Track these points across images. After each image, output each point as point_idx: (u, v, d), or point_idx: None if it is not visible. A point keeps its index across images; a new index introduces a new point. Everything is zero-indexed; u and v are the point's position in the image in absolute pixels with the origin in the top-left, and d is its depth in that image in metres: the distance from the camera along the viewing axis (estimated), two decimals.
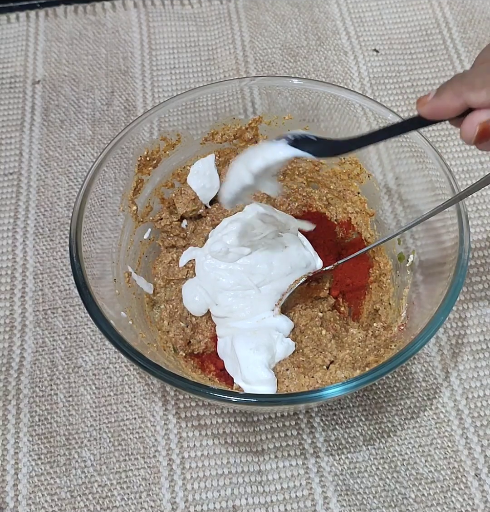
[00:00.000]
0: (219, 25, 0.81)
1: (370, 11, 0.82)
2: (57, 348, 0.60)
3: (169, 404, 0.57)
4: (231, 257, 0.58)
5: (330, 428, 0.56)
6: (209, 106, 0.62)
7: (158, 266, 0.62)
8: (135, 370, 0.59)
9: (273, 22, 0.81)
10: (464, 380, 0.58)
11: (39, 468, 0.55)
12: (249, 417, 0.56)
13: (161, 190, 0.62)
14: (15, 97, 0.75)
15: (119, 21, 0.81)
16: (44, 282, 0.63)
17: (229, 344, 0.56)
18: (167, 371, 0.47)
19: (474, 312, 0.62)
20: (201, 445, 0.56)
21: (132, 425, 0.56)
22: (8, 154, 0.71)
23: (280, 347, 0.55)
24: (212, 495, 0.54)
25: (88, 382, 0.58)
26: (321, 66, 0.78)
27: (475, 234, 0.66)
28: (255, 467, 0.55)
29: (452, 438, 0.56)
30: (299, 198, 0.66)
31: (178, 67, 0.78)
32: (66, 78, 0.77)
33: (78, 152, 0.71)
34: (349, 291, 0.62)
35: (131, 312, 0.55)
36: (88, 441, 0.56)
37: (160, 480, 0.54)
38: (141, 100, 0.75)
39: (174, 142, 0.61)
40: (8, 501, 0.53)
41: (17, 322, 0.61)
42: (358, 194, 0.63)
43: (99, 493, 0.54)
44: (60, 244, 0.66)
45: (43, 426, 0.56)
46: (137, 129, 0.58)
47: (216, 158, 0.62)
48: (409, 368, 0.59)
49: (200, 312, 0.59)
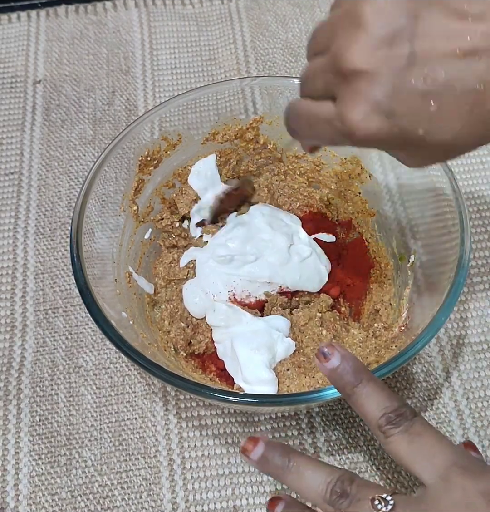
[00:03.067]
0: (220, 25, 0.81)
1: None
2: (58, 348, 0.60)
3: (170, 404, 0.57)
4: (235, 264, 0.58)
5: (331, 429, 0.56)
6: (210, 106, 0.62)
7: (159, 266, 0.61)
8: (136, 370, 0.59)
9: (274, 22, 0.81)
10: (465, 380, 0.58)
11: (40, 468, 0.55)
12: (250, 417, 0.56)
13: (162, 190, 0.62)
14: (16, 96, 0.75)
15: (120, 21, 0.81)
16: (45, 282, 0.63)
17: (229, 346, 0.56)
18: (167, 371, 0.47)
19: (475, 312, 0.62)
20: (201, 445, 0.56)
21: (132, 425, 0.57)
22: (9, 154, 0.71)
23: (281, 346, 0.55)
24: (213, 495, 0.54)
25: (89, 382, 0.58)
26: None
27: (476, 234, 0.66)
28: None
29: (453, 439, 0.56)
30: (300, 198, 0.66)
31: (179, 67, 0.78)
32: (67, 78, 0.77)
33: (79, 152, 0.71)
34: (349, 291, 0.62)
35: (132, 312, 0.55)
36: (89, 441, 0.56)
37: (161, 480, 0.54)
38: (142, 100, 0.75)
39: (175, 142, 0.61)
40: (9, 501, 0.53)
41: (18, 322, 0.61)
42: (359, 194, 0.63)
43: (100, 493, 0.54)
44: (61, 244, 0.66)
45: (43, 426, 0.56)
46: (138, 129, 0.58)
47: (217, 158, 0.62)
48: (410, 368, 0.59)
49: (200, 314, 0.59)
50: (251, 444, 0.42)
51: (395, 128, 0.35)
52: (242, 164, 0.64)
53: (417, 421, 0.40)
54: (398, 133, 0.36)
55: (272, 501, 0.42)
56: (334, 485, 0.39)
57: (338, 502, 0.39)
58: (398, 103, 0.35)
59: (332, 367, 0.41)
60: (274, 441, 0.42)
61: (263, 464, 0.42)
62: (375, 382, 0.41)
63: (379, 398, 0.40)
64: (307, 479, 0.40)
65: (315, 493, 0.40)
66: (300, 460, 0.41)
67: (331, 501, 0.39)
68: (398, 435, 0.39)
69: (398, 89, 0.34)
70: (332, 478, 0.39)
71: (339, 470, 0.40)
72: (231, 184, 0.63)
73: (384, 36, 0.34)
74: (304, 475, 0.40)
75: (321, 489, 0.39)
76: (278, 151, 0.64)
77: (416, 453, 0.39)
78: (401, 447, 0.39)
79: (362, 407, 0.41)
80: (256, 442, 0.42)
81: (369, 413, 0.40)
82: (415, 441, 0.39)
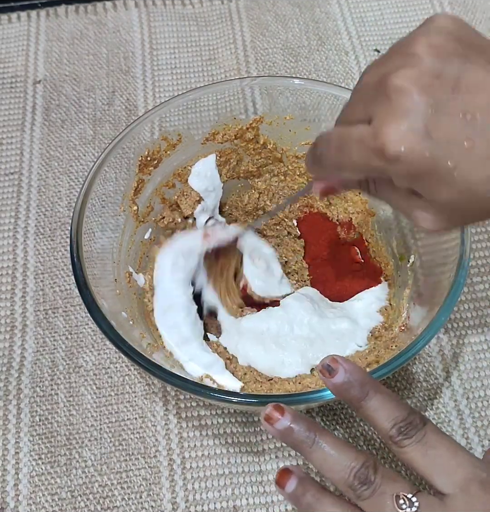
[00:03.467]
0: (220, 25, 0.81)
1: (371, 11, 0.82)
2: (57, 348, 0.60)
3: (170, 404, 0.57)
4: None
5: (331, 428, 0.56)
6: (210, 106, 0.62)
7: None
8: (135, 370, 0.59)
9: (274, 22, 0.81)
10: (465, 380, 0.58)
11: (40, 468, 0.55)
12: (250, 417, 0.56)
13: (162, 190, 0.62)
14: (16, 96, 0.75)
15: (120, 21, 0.81)
16: (45, 282, 0.63)
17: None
18: (167, 371, 0.47)
19: (475, 312, 0.62)
20: (201, 445, 0.56)
21: (132, 425, 0.57)
22: (9, 154, 0.71)
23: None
24: (213, 495, 0.54)
25: (89, 382, 0.58)
26: (322, 66, 0.78)
27: (476, 234, 0.66)
28: (255, 467, 0.55)
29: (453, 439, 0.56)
30: (300, 198, 0.66)
31: (179, 67, 0.78)
32: (67, 78, 0.77)
33: (79, 152, 0.71)
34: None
35: (132, 312, 0.55)
36: (89, 441, 0.56)
37: (161, 480, 0.54)
38: (142, 100, 0.75)
39: (175, 142, 0.61)
40: (9, 501, 0.53)
41: (18, 322, 0.61)
42: (359, 194, 0.63)
43: (100, 493, 0.54)
44: (61, 244, 0.66)
45: (43, 426, 0.56)
46: (138, 129, 0.58)
47: (217, 158, 0.62)
48: (410, 368, 0.59)
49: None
50: (276, 413, 0.40)
51: (426, 152, 0.35)
52: (242, 164, 0.64)
53: (429, 429, 0.39)
54: (428, 160, 0.36)
55: (282, 475, 0.41)
56: (358, 470, 0.39)
57: (360, 488, 0.38)
58: (436, 128, 0.35)
59: (337, 382, 0.40)
60: (301, 414, 0.41)
61: (287, 436, 0.40)
62: (382, 393, 0.40)
63: (388, 409, 0.40)
64: (332, 460, 0.39)
65: (338, 475, 0.39)
66: (327, 439, 0.40)
67: (353, 486, 0.39)
68: (411, 446, 0.39)
69: (437, 114, 0.35)
70: (357, 463, 0.39)
71: (364, 455, 0.40)
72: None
73: (433, 68, 0.36)
74: (329, 455, 0.39)
75: (344, 472, 0.39)
76: (278, 151, 0.64)
77: (433, 465, 0.38)
78: (416, 459, 0.39)
79: (372, 420, 0.40)
80: (283, 411, 0.40)
81: (379, 425, 0.40)
82: (430, 454, 0.39)
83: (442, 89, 0.35)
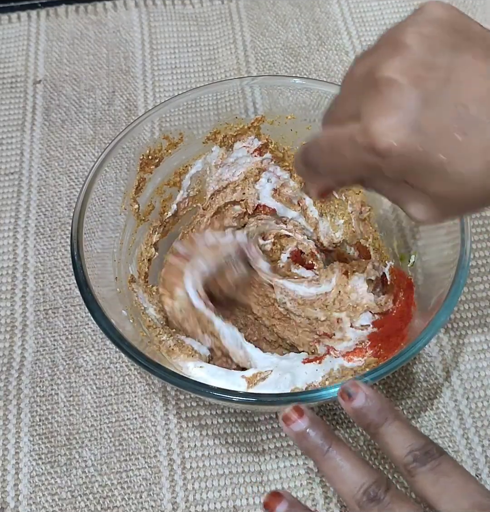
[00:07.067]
0: (220, 25, 0.81)
1: (372, 11, 0.82)
2: (58, 348, 0.60)
3: (170, 404, 0.57)
4: None
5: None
6: (210, 106, 0.62)
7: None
8: (136, 370, 0.59)
9: (274, 22, 0.81)
10: (465, 380, 0.58)
11: (40, 468, 0.55)
12: (250, 417, 0.56)
13: (163, 189, 0.62)
14: (16, 97, 0.75)
15: (120, 21, 0.81)
16: (45, 282, 0.63)
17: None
18: (167, 370, 0.47)
19: (475, 312, 0.62)
20: (201, 445, 0.56)
21: (133, 425, 0.56)
22: (9, 154, 0.71)
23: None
24: (213, 495, 0.54)
25: (89, 382, 0.58)
26: (322, 66, 0.78)
27: (476, 234, 0.66)
28: (256, 467, 0.55)
29: (453, 439, 0.56)
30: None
31: (179, 66, 0.78)
32: (67, 78, 0.77)
33: (79, 152, 0.71)
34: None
35: (132, 310, 0.55)
36: (89, 441, 0.56)
37: (161, 480, 0.54)
38: (142, 100, 0.75)
39: (176, 141, 0.61)
40: (9, 501, 0.53)
41: (18, 322, 0.61)
42: (359, 193, 0.63)
43: (100, 493, 0.54)
44: (61, 244, 0.66)
45: (43, 426, 0.56)
46: (138, 129, 0.58)
47: None
48: (410, 368, 0.59)
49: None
50: (295, 415, 0.40)
51: (418, 146, 0.35)
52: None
53: (444, 459, 0.38)
54: (420, 153, 0.35)
55: (272, 498, 0.40)
56: (369, 486, 0.38)
57: (367, 505, 0.38)
58: (427, 120, 0.34)
59: (357, 406, 0.40)
60: (320, 419, 0.40)
61: (302, 439, 0.40)
62: (400, 421, 0.39)
63: (405, 436, 0.39)
64: (343, 472, 0.39)
65: (347, 488, 0.38)
66: (342, 450, 0.39)
67: (360, 502, 0.38)
68: (425, 474, 0.38)
69: (429, 107, 0.34)
70: (369, 479, 0.38)
71: (378, 474, 0.39)
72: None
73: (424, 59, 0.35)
74: (342, 466, 0.39)
75: (354, 486, 0.38)
76: (280, 151, 0.64)
77: (442, 493, 0.38)
78: (427, 487, 0.38)
79: (387, 446, 0.39)
80: (302, 414, 0.40)
81: (394, 451, 0.39)
82: (441, 481, 0.38)
83: (434, 80, 0.35)
